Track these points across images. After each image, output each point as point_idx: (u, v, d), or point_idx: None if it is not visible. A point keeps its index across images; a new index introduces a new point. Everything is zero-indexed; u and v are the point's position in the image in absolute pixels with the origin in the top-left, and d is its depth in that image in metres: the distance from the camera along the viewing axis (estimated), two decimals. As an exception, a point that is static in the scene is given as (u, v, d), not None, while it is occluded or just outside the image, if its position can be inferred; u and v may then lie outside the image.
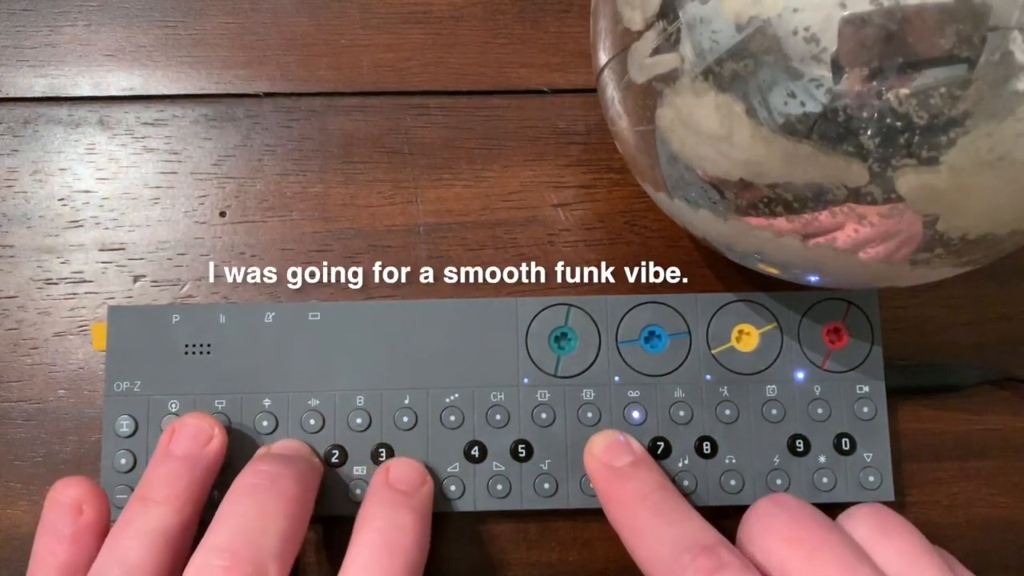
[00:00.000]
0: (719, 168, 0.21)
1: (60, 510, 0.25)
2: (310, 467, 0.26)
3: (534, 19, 0.32)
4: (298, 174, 0.31)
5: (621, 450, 0.27)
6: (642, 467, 0.26)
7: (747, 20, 0.18)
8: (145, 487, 0.24)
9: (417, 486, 0.26)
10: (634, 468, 0.26)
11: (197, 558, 0.22)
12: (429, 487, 0.27)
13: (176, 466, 0.25)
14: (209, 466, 0.25)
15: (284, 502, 0.23)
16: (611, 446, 0.27)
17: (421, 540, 0.24)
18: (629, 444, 0.27)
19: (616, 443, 0.27)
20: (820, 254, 0.21)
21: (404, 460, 0.27)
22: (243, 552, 0.22)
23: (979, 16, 0.17)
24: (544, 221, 0.31)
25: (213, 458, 0.25)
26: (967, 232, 0.20)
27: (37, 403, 0.29)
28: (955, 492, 0.30)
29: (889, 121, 0.18)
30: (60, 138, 0.31)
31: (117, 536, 0.23)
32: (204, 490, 0.25)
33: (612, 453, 0.27)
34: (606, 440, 0.27)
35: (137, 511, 0.23)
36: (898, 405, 0.29)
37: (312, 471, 0.26)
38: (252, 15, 0.31)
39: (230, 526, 0.23)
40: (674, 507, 0.24)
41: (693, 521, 0.24)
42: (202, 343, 0.28)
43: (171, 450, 0.25)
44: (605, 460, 0.27)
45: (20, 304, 0.29)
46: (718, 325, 0.29)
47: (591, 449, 0.27)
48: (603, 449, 0.27)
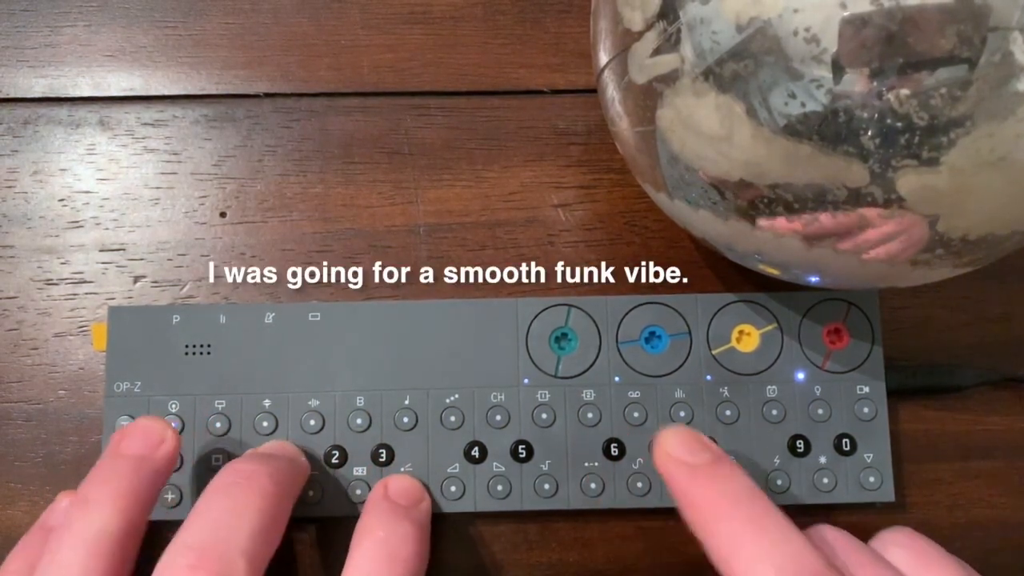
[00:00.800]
0: (719, 168, 0.21)
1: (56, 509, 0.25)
2: (292, 466, 0.26)
3: (534, 19, 0.32)
4: (298, 174, 0.31)
5: (698, 446, 0.24)
6: (727, 466, 0.24)
7: (747, 20, 0.18)
8: (88, 487, 0.23)
9: (416, 501, 0.26)
10: (717, 467, 0.24)
11: (165, 556, 0.21)
12: (428, 504, 0.27)
13: (121, 465, 0.23)
14: (157, 468, 0.24)
15: (258, 499, 0.23)
16: (686, 441, 0.24)
17: (421, 552, 0.24)
18: (704, 439, 0.25)
19: (692, 437, 0.25)
20: (820, 255, 0.21)
21: (403, 476, 0.27)
22: (211, 549, 0.21)
23: (979, 16, 0.17)
24: (544, 221, 0.31)
25: (162, 461, 0.24)
26: (968, 233, 0.20)
27: (37, 403, 0.29)
28: (955, 493, 0.29)
29: (889, 121, 0.18)
30: (60, 138, 0.31)
31: (58, 544, 0.22)
32: (150, 493, 0.23)
33: (688, 448, 0.24)
34: (679, 435, 0.25)
35: (78, 515, 0.22)
36: (898, 405, 0.29)
37: (294, 469, 0.26)
38: (252, 15, 0.31)
39: (199, 523, 0.22)
40: (775, 521, 0.22)
41: (796, 541, 0.22)
42: (202, 343, 0.28)
43: (120, 450, 0.24)
44: (683, 456, 0.24)
45: (20, 304, 0.29)
46: (718, 325, 0.29)
47: (663, 446, 0.25)
48: (678, 444, 0.24)
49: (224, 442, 0.28)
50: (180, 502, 0.27)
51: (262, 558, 0.22)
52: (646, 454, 0.28)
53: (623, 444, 0.28)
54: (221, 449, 0.28)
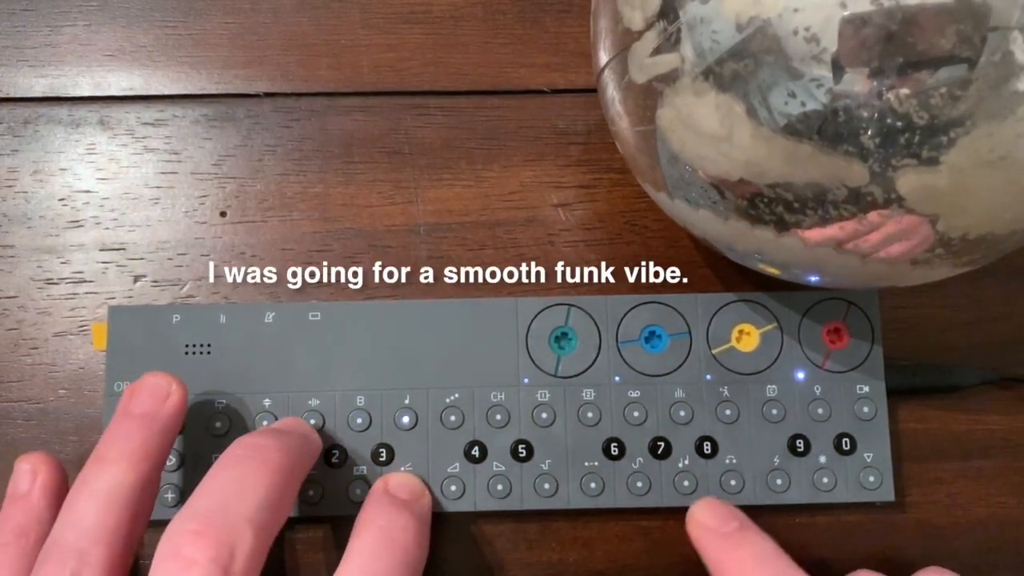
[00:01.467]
0: (719, 168, 0.21)
1: (16, 476, 0.25)
2: (304, 442, 0.26)
3: (534, 19, 0.32)
4: (298, 174, 0.31)
5: (727, 515, 0.26)
6: (752, 532, 0.26)
7: (747, 20, 0.18)
8: (101, 447, 0.24)
9: (417, 496, 0.26)
10: (744, 533, 0.26)
11: (172, 523, 0.22)
12: (428, 500, 0.27)
13: (133, 423, 0.24)
14: (166, 422, 0.25)
15: (266, 471, 0.23)
16: (716, 511, 0.27)
17: (421, 542, 0.24)
18: (732, 509, 0.27)
19: (721, 508, 0.27)
20: (820, 254, 0.21)
21: (404, 474, 0.28)
22: (216, 517, 0.21)
23: (979, 16, 0.17)
24: (544, 221, 0.31)
25: (170, 415, 0.25)
26: (967, 232, 0.20)
27: (37, 403, 0.29)
28: (955, 492, 0.30)
29: (889, 121, 0.18)
30: (60, 138, 0.31)
31: (73, 498, 0.23)
32: (162, 447, 0.24)
33: (718, 518, 0.26)
34: (711, 506, 0.27)
35: (92, 472, 0.23)
36: (898, 405, 0.29)
37: (306, 444, 0.26)
38: (252, 15, 0.31)
39: (206, 493, 0.22)
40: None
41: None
42: (202, 343, 0.28)
43: (129, 409, 0.25)
44: (712, 525, 0.26)
45: (20, 304, 0.29)
46: (718, 325, 0.29)
47: (694, 516, 0.27)
48: (708, 514, 0.27)
49: (224, 442, 0.28)
50: (180, 502, 0.27)
51: (269, 529, 0.22)
52: (646, 453, 0.28)
53: (623, 444, 0.28)
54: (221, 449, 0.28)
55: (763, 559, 0.25)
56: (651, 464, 0.28)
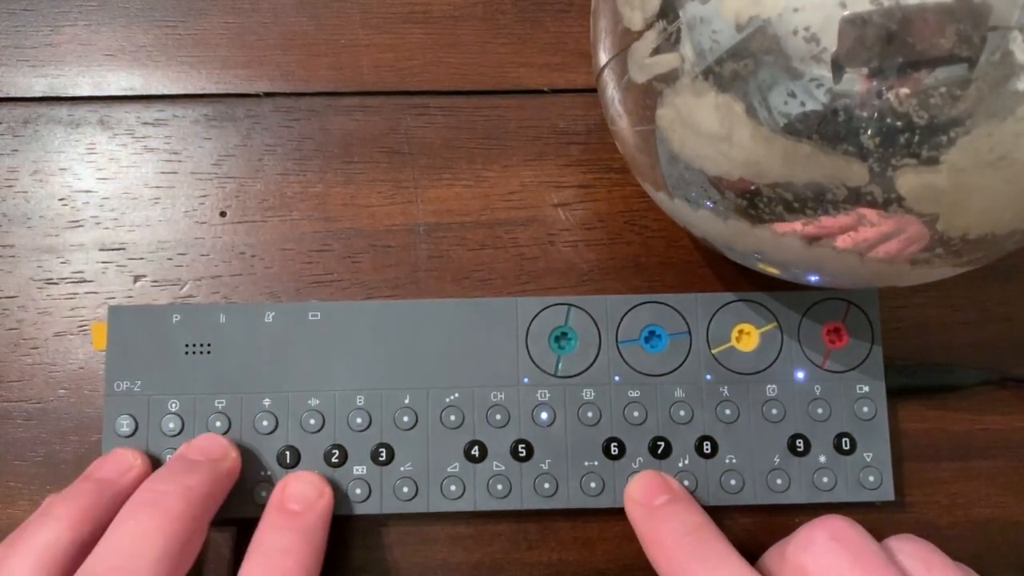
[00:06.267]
0: (719, 168, 0.21)
1: None
2: (213, 474, 0.26)
3: (534, 19, 0.32)
4: (298, 174, 0.31)
5: (658, 490, 0.27)
6: (679, 505, 0.26)
7: (747, 20, 0.18)
8: (52, 502, 0.24)
9: (311, 503, 0.26)
10: (671, 507, 0.26)
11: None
12: (325, 501, 0.27)
13: (87, 486, 0.25)
14: (120, 493, 0.25)
15: (166, 520, 0.23)
16: (648, 487, 0.27)
17: (305, 561, 0.24)
18: (666, 482, 0.27)
19: (652, 483, 0.27)
20: (820, 254, 0.21)
21: (302, 476, 0.27)
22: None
23: (979, 16, 0.17)
24: (544, 221, 0.31)
25: (127, 487, 0.25)
26: (967, 232, 0.20)
27: (37, 403, 0.29)
28: (955, 492, 0.30)
29: (889, 121, 0.18)
30: (60, 138, 0.31)
31: (9, 550, 0.23)
32: (108, 514, 0.24)
33: (649, 494, 0.27)
34: (643, 481, 0.27)
35: (33, 525, 0.24)
36: (898, 405, 0.29)
37: (214, 477, 0.26)
38: (252, 15, 0.31)
39: (103, 549, 0.23)
40: (714, 549, 0.24)
41: (732, 565, 0.23)
42: (202, 343, 0.28)
43: (89, 474, 0.26)
44: (642, 500, 0.27)
45: (20, 304, 0.29)
46: (718, 325, 0.29)
47: (629, 493, 0.27)
48: (640, 491, 0.27)
49: (224, 441, 0.28)
50: None
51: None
52: (646, 453, 0.28)
53: (623, 443, 0.28)
54: (221, 448, 0.28)
55: (683, 532, 0.25)
56: (651, 464, 0.28)
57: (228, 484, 0.27)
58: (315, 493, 0.27)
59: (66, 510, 0.24)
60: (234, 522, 0.28)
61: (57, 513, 0.24)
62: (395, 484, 0.28)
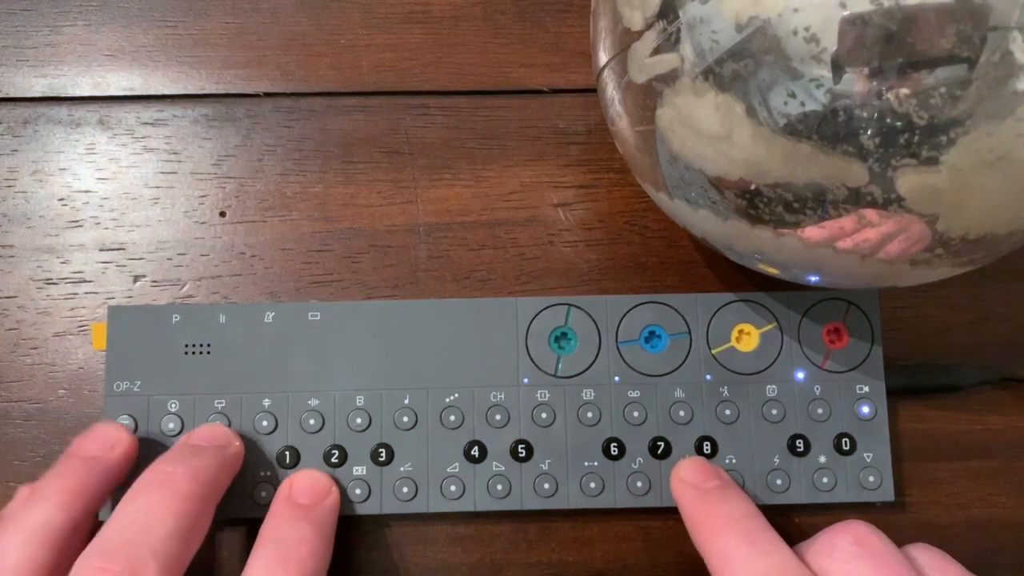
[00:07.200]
0: (719, 168, 0.21)
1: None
2: (219, 459, 0.26)
3: (534, 19, 0.32)
4: (298, 174, 0.31)
5: (710, 474, 0.27)
6: (731, 491, 0.26)
7: (747, 20, 0.18)
8: (40, 483, 0.24)
9: (320, 498, 0.26)
10: (724, 491, 0.26)
11: (80, 558, 0.22)
12: (333, 498, 0.27)
13: (74, 463, 0.25)
14: (109, 469, 0.25)
15: (176, 500, 0.23)
16: (701, 470, 0.27)
17: (318, 551, 0.24)
18: (717, 469, 0.27)
19: (704, 467, 0.27)
20: (820, 254, 0.21)
21: (309, 473, 0.27)
22: (120, 552, 0.22)
23: (979, 16, 0.17)
24: (544, 221, 0.31)
25: (115, 463, 0.25)
26: (967, 232, 0.20)
27: (37, 403, 0.29)
28: (955, 492, 0.30)
29: (889, 121, 0.18)
30: (60, 138, 0.31)
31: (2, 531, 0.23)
32: (99, 491, 0.24)
33: (701, 476, 0.27)
34: (695, 464, 0.27)
35: (21, 505, 0.23)
36: (898, 405, 0.29)
37: (220, 462, 0.26)
38: (252, 15, 0.31)
39: (114, 526, 0.23)
40: (766, 537, 0.24)
41: (784, 554, 0.23)
42: (202, 343, 0.28)
43: (74, 451, 0.25)
44: (694, 482, 0.27)
45: (20, 304, 0.29)
46: (718, 325, 0.29)
47: (678, 472, 0.27)
48: (692, 473, 0.27)
49: (224, 442, 0.28)
50: None
51: (176, 560, 0.22)
52: (646, 453, 0.28)
53: (623, 444, 0.28)
54: (221, 449, 0.28)
55: (736, 517, 0.25)
56: (651, 464, 0.28)
57: (234, 469, 0.26)
58: (324, 489, 0.27)
59: (56, 490, 0.23)
60: (233, 523, 0.28)
61: (46, 493, 0.23)
62: (395, 484, 0.28)
